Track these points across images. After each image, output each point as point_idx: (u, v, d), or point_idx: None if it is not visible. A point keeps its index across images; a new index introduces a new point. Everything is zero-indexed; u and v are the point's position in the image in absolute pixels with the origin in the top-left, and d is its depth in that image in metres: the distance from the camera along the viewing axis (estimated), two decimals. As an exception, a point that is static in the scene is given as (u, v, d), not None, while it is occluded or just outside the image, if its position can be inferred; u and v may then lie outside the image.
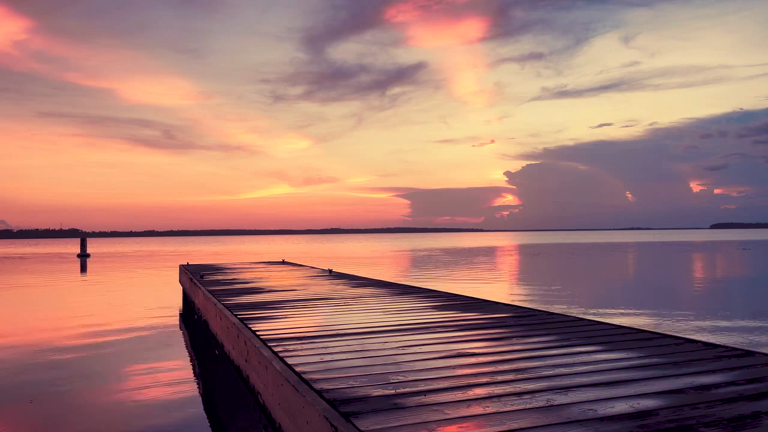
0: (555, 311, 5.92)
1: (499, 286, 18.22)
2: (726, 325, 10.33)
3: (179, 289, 15.16)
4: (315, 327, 5.02)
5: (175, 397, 6.29)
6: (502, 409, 2.58)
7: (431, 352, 3.87)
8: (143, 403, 6.08)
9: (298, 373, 3.30)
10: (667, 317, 11.27)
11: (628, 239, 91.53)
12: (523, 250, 49.81)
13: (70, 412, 5.88)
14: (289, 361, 3.64)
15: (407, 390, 2.91)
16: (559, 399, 2.73)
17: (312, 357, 3.76)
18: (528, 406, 2.62)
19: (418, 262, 33.51)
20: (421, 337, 4.45)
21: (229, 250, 57.70)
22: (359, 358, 3.70)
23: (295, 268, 13.59)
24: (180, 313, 12.95)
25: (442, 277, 21.84)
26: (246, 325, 5.11)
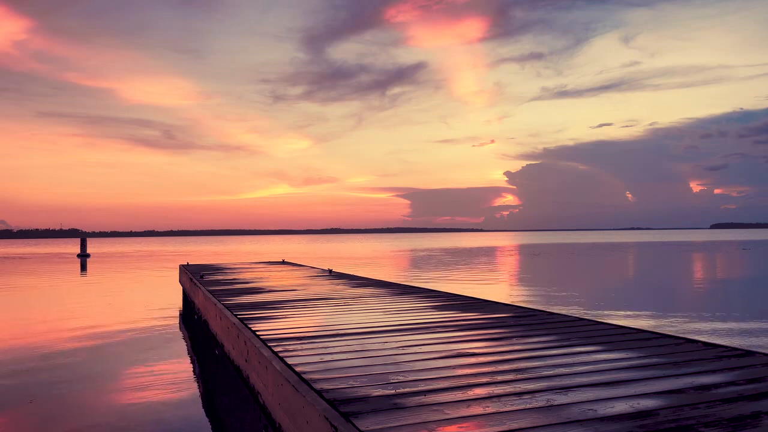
0: (555, 311, 5.92)
1: (499, 287, 18.22)
2: (726, 325, 10.33)
3: (179, 289, 15.16)
4: (315, 327, 5.02)
5: (175, 397, 6.30)
6: (502, 409, 2.58)
7: (431, 352, 3.87)
8: (143, 403, 6.08)
9: (298, 373, 3.30)
10: (667, 317, 11.28)
11: (628, 239, 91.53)
12: (523, 250, 49.81)
13: (71, 412, 5.88)
14: (289, 361, 3.64)
15: (407, 390, 2.91)
16: (559, 399, 2.73)
17: (312, 357, 3.76)
18: (528, 406, 2.62)
19: (418, 262, 33.51)
20: (421, 337, 4.45)
21: (229, 250, 57.70)
22: (359, 358, 3.70)
23: (295, 268, 13.60)
24: (180, 313, 12.95)
25: (442, 277, 21.84)
26: (246, 325, 5.11)
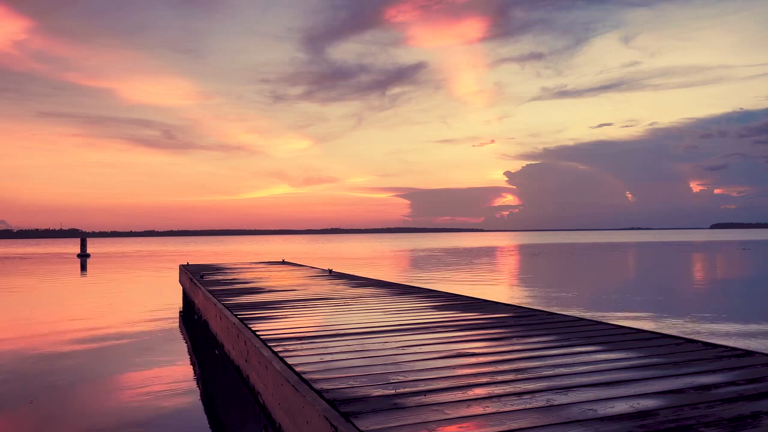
0: (555, 311, 5.92)
1: (499, 287, 18.22)
2: (726, 325, 10.33)
3: (179, 289, 15.16)
4: (315, 327, 5.01)
5: (175, 397, 6.30)
6: (502, 409, 2.58)
7: (431, 352, 3.86)
8: (143, 403, 6.08)
9: (298, 373, 3.30)
10: (667, 317, 11.28)
11: (628, 239, 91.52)
12: (523, 250, 49.80)
13: (71, 412, 5.88)
14: (289, 361, 3.64)
15: (407, 390, 2.91)
16: (559, 399, 2.73)
17: (312, 357, 3.75)
18: (528, 406, 2.62)
19: (418, 262, 33.51)
20: (421, 337, 4.45)
21: (229, 250, 57.70)
22: (359, 358, 3.70)
23: (295, 268, 13.59)
24: (180, 313, 12.96)
25: (442, 277, 21.83)
26: (246, 325, 5.11)
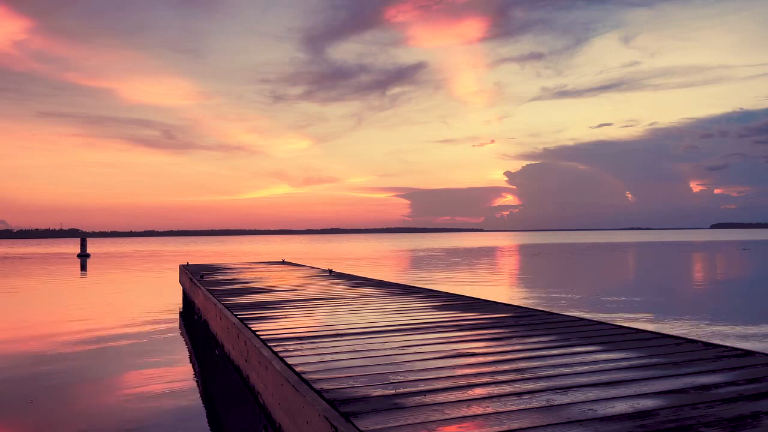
0: (555, 311, 5.92)
1: (499, 287, 18.22)
2: (726, 325, 10.33)
3: (179, 289, 15.16)
4: (315, 327, 5.01)
5: (174, 397, 6.30)
6: (502, 409, 2.58)
7: (431, 352, 3.86)
8: (143, 403, 6.08)
9: (298, 373, 3.30)
10: (667, 317, 11.28)
11: (628, 239, 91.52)
12: (523, 250, 49.80)
13: (71, 412, 5.88)
14: (289, 361, 3.63)
15: (407, 390, 2.91)
16: (559, 399, 2.73)
17: (312, 357, 3.75)
18: (528, 406, 2.62)
19: (418, 262, 33.51)
20: (421, 337, 4.45)
21: (229, 250, 57.70)
22: (359, 358, 3.70)
23: (295, 268, 13.59)
24: (180, 313, 12.95)
25: (442, 277, 21.83)
26: (246, 325, 5.11)
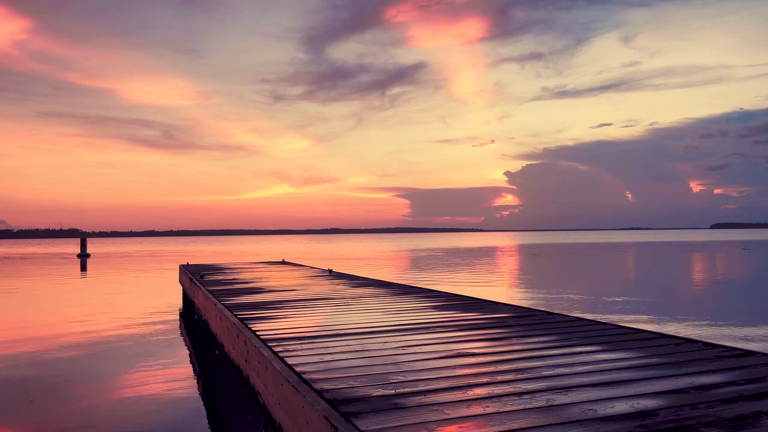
0: (555, 311, 5.92)
1: (499, 287, 18.21)
2: (726, 325, 10.33)
3: (179, 289, 15.16)
4: (315, 327, 5.01)
5: (175, 397, 6.30)
6: (502, 409, 2.58)
7: (431, 352, 3.86)
8: (143, 403, 6.08)
9: (298, 373, 3.30)
10: (667, 317, 11.27)
11: (628, 239, 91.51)
12: (523, 250, 49.80)
13: (71, 412, 5.88)
14: (289, 361, 3.64)
15: (407, 390, 2.91)
16: (559, 399, 2.73)
17: (312, 357, 3.75)
18: (528, 406, 2.62)
19: (418, 262, 33.51)
20: (421, 337, 4.45)
21: (229, 250, 57.70)
22: (359, 358, 3.70)
23: (295, 268, 13.59)
24: (180, 313, 12.96)
25: (442, 277, 21.83)
26: (246, 325, 5.11)
